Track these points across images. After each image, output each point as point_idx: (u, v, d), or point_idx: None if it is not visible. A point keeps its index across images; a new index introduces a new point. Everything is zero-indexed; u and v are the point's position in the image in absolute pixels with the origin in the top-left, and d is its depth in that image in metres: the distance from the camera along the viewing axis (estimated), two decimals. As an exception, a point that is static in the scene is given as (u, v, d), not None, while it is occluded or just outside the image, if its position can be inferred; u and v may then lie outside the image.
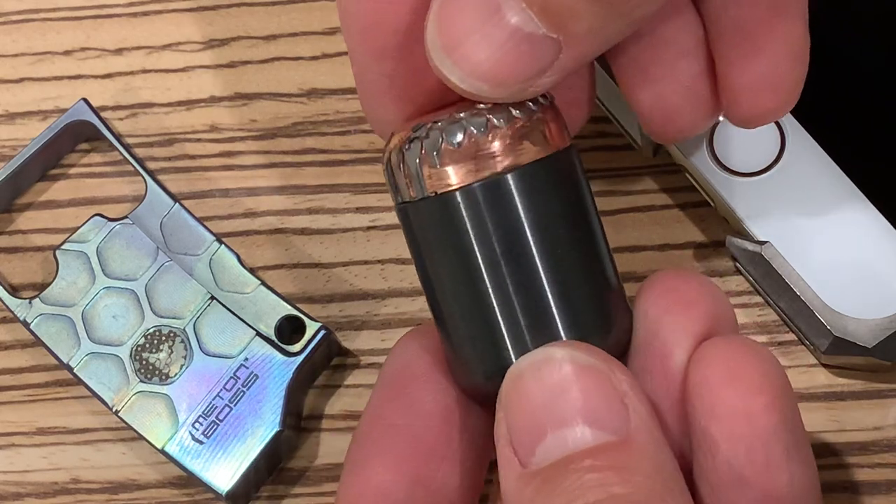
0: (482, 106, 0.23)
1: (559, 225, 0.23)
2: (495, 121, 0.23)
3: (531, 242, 0.23)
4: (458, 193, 0.23)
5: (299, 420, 0.33)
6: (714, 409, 0.22)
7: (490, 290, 0.23)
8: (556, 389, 0.22)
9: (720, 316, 0.24)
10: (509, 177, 0.23)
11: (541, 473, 0.22)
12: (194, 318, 0.33)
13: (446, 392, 0.25)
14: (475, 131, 0.23)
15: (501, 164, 0.23)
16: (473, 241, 0.23)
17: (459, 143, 0.23)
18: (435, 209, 0.23)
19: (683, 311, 0.24)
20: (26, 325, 0.33)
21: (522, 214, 0.23)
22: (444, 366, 0.25)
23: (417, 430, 0.25)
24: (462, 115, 0.23)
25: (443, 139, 0.23)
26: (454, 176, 0.23)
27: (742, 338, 0.24)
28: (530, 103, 0.23)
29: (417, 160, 0.23)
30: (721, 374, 0.23)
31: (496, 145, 0.23)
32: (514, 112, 0.23)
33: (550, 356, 0.22)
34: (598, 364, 0.22)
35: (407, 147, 0.23)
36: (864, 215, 0.31)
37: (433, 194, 0.23)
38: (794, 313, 0.31)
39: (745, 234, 0.31)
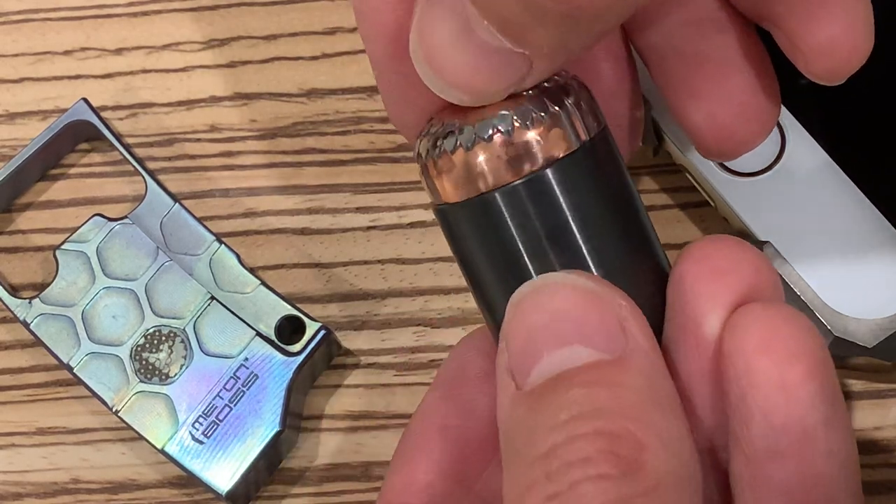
0: (510, 103, 0.22)
1: (602, 210, 0.23)
2: (523, 120, 0.22)
3: (575, 232, 0.23)
4: (495, 194, 0.22)
5: (299, 420, 0.33)
6: (749, 378, 0.22)
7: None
8: (556, 312, 0.22)
9: (758, 284, 0.23)
10: (546, 173, 0.22)
11: (534, 392, 0.21)
12: (194, 318, 0.33)
13: None
14: (504, 130, 0.22)
15: (536, 161, 0.22)
16: (517, 239, 0.23)
17: (491, 142, 0.22)
18: (474, 211, 0.23)
19: (718, 278, 0.23)
20: (26, 325, 0.33)
21: (565, 207, 0.23)
22: None
23: (466, 431, 0.25)
24: (489, 112, 0.22)
25: (475, 138, 0.22)
26: (488, 177, 0.22)
27: (778, 304, 0.23)
28: (559, 94, 0.23)
29: (450, 162, 0.23)
30: (756, 341, 0.22)
31: (531, 141, 0.22)
32: (542, 107, 0.22)
33: (552, 280, 0.22)
34: (599, 289, 0.22)
35: (436, 149, 0.23)
36: (864, 215, 0.31)
37: (469, 197, 0.23)
38: (794, 313, 0.31)
39: (745, 234, 0.31)
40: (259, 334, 0.33)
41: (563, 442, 0.21)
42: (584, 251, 0.23)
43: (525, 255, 0.23)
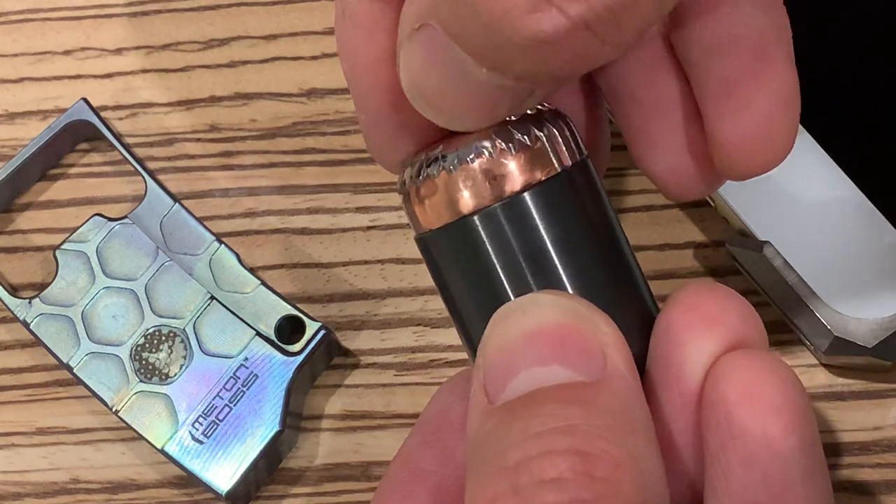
0: (494, 126, 0.23)
1: (583, 238, 0.23)
2: (506, 143, 0.23)
3: (555, 258, 0.23)
4: (476, 217, 0.23)
5: (299, 420, 0.33)
6: (730, 429, 0.22)
7: None
8: (536, 330, 0.21)
9: (745, 334, 0.23)
10: (526, 195, 0.22)
11: (506, 405, 0.21)
12: (194, 318, 0.33)
13: None
14: (487, 154, 0.22)
15: (517, 183, 0.23)
16: (496, 262, 0.23)
17: (473, 164, 0.22)
18: (455, 235, 0.23)
19: (705, 328, 0.23)
20: (26, 325, 0.33)
21: (544, 231, 0.23)
22: None
23: (445, 478, 0.24)
24: (472, 139, 0.23)
25: (457, 162, 0.23)
26: (470, 200, 0.23)
27: (762, 353, 0.23)
28: (542, 121, 0.23)
29: (432, 186, 0.23)
30: (738, 392, 0.22)
31: (510, 166, 0.23)
32: (526, 132, 0.23)
33: (536, 300, 0.22)
34: (584, 312, 0.22)
35: (419, 176, 0.23)
36: (864, 215, 0.31)
37: (450, 221, 0.23)
38: (794, 313, 0.31)
39: (745, 234, 0.31)
40: (259, 334, 0.33)
41: (536, 456, 0.20)
42: (564, 277, 0.23)
43: (505, 278, 0.23)
